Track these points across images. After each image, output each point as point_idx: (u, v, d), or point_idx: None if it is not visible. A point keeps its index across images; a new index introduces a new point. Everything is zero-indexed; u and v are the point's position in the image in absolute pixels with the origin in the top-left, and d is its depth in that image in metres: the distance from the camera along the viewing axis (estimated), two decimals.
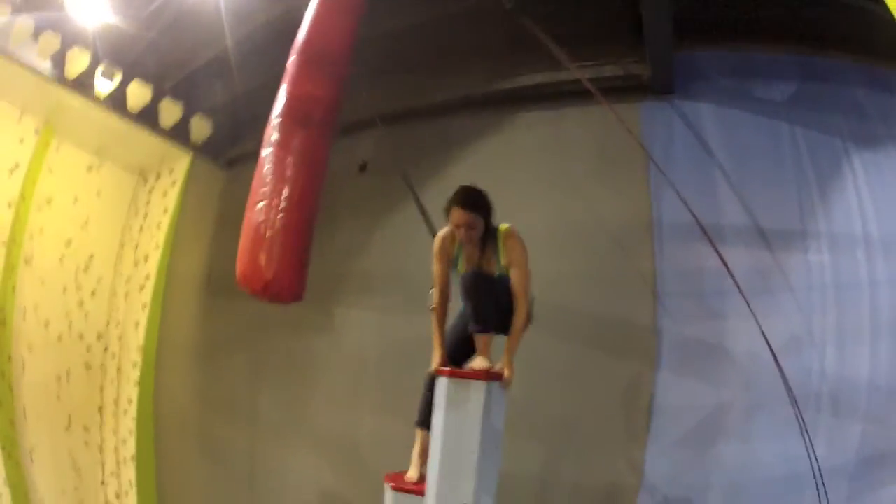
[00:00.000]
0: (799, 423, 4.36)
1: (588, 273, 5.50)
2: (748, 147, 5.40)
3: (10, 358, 7.18)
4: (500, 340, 3.84)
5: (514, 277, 3.77)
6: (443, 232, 3.96)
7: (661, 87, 5.72)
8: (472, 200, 3.78)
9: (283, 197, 3.65)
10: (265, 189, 3.68)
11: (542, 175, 5.63)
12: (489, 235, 3.84)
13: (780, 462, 4.65)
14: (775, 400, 4.49)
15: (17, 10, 6.68)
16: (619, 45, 5.72)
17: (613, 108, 5.19)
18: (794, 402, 4.36)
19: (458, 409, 3.61)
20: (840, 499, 4.38)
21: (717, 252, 4.59)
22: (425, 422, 3.87)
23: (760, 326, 4.40)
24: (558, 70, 5.42)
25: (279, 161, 3.71)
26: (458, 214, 3.75)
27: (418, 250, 4.40)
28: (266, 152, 3.77)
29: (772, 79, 5.49)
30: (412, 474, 3.95)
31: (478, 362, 3.75)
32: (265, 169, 3.73)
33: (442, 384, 3.69)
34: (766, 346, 4.37)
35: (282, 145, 3.75)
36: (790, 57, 5.44)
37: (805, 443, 4.32)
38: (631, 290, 5.39)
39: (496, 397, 3.68)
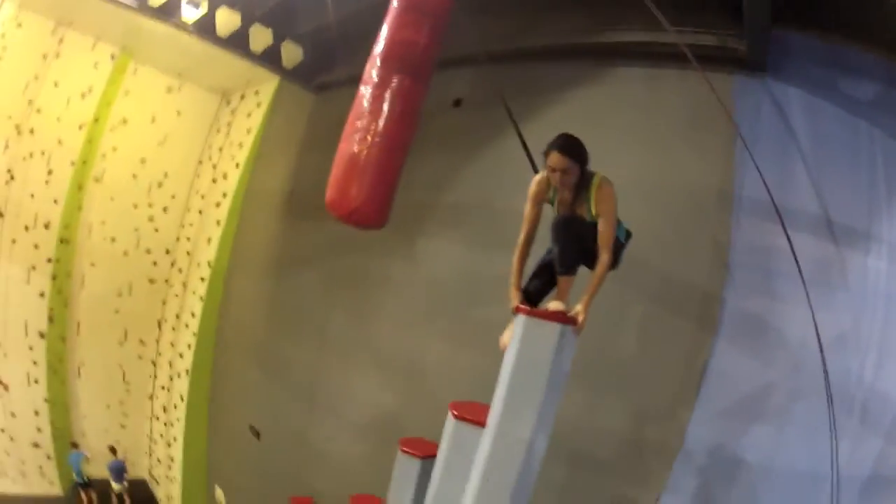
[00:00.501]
0: (830, 424, 4.43)
1: (665, 232, 5.46)
2: (829, 138, 5.32)
3: (69, 274, 7.49)
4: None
5: (602, 227, 3.81)
6: (539, 176, 4.02)
7: (756, 63, 5.65)
8: (570, 146, 3.81)
9: (377, 131, 3.77)
10: (361, 122, 3.79)
11: (632, 130, 5.61)
12: (583, 183, 3.89)
13: (806, 457, 4.69)
14: (815, 392, 4.54)
15: None
16: (718, 16, 5.63)
17: (708, 76, 5.16)
18: (830, 401, 4.43)
19: (531, 348, 3.68)
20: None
21: (788, 238, 4.63)
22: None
23: (815, 318, 4.46)
24: (657, 31, 5.37)
25: (376, 98, 3.81)
26: (555, 158, 3.79)
27: (506, 187, 4.49)
28: (365, 88, 3.86)
29: (859, 76, 5.36)
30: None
31: (554, 304, 3.83)
32: (363, 103, 3.84)
33: (519, 321, 3.77)
34: (816, 338, 4.43)
35: (380, 84, 3.84)
36: (878, 59, 5.30)
37: (831, 447, 4.40)
38: (703, 256, 5.40)
39: (568, 341, 3.72)
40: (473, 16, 5.74)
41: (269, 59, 8.05)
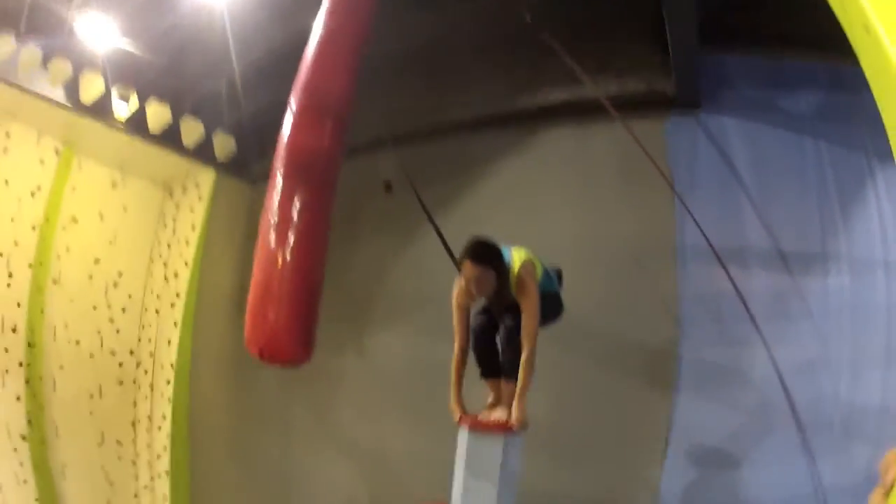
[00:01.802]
0: (806, 447, 4.43)
1: (610, 293, 5.47)
2: (772, 163, 5.30)
3: (40, 378, 7.29)
4: None
5: (525, 320, 3.76)
6: (460, 282, 3.95)
7: (687, 100, 5.59)
8: (481, 254, 3.78)
9: (286, 265, 3.57)
10: (269, 256, 3.60)
11: (566, 193, 5.59)
12: (502, 282, 3.83)
13: (788, 484, 4.65)
14: (787, 424, 4.51)
15: (21, 37, 6.62)
16: (643, 56, 5.60)
17: (634, 126, 5.11)
18: (800, 426, 4.42)
19: (478, 460, 3.73)
20: None
21: (732, 282, 4.59)
22: (485, 372, 4.00)
23: (771, 353, 4.45)
24: (582, 85, 5.34)
25: (281, 225, 3.62)
26: (468, 269, 3.77)
27: (446, 270, 4.40)
28: (269, 214, 3.68)
29: (799, 89, 5.35)
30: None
31: (498, 413, 3.83)
32: (267, 234, 3.65)
33: (463, 436, 3.80)
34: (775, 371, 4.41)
35: (283, 206, 3.65)
36: (819, 65, 5.26)
37: (810, 467, 4.41)
38: (652, 313, 5.36)
39: (513, 445, 3.77)
40: (390, 93, 5.70)
41: (203, 152, 8.03)
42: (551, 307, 4.00)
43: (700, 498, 5.02)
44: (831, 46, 4.97)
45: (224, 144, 8.20)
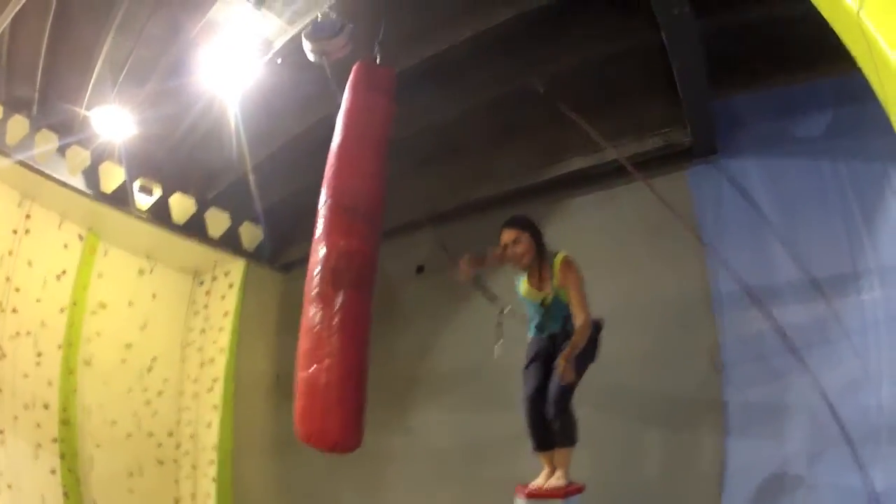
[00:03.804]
0: (857, 461, 4.43)
1: (652, 350, 5.46)
2: (794, 193, 5.32)
3: (76, 454, 7.33)
4: None
5: (572, 299, 3.95)
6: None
7: (705, 147, 5.63)
8: (516, 219, 4.11)
9: (332, 356, 3.67)
10: (316, 353, 3.69)
11: (598, 258, 5.57)
12: (545, 259, 4.04)
13: (844, 501, 4.60)
14: (836, 443, 4.54)
15: (35, 121, 6.80)
16: (657, 111, 5.65)
17: (657, 182, 5.21)
18: (850, 442, 4.45)
19: None
20: None
21: (771, 318, 4.74)
22: (538, 445, 3.98)
23: (816, 377, 4.55)
24: (603, 150, 5.40)
25: (324, 320, 3.71)
26: (503, 234, 4.05)
27: (484, 346, 4.42)
28: (311, 312, 3.77)
29: (807, 111, 5.37)
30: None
31: (554, 479, 3.87)
32: (310, 326, 3.74)
33: None
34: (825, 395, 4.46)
35: (325, 305, 3.74)
36: (824, 81, 5.26)
37: (864, 480, 4.40)
38: (695, 364, 5.35)
39: None
40: (416, 176, 5.78)
41: (230, 242, 8.19)
42: (589, 348, 4.03)
43: None
44: (830, 58, 5.09)
45: (251, 234, 8.38)
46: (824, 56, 4.79)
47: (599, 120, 5.11)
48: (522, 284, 4.16)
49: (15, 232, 7.24)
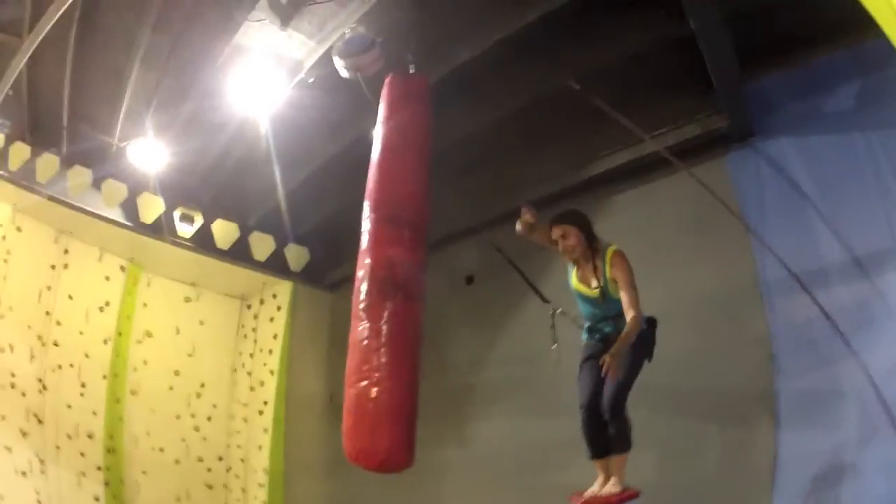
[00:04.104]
0: None
1: (702, 343, 5.36)
2: (830, 171, 5.24)
3: (122, 481, 7.40)
4: None
5: (623, 294, 3.92)
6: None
7: (741, 131, 5.57)
8: (564, 214, 4.14)
9: (382, 375, 3.60)
10: (364, 368, 3.64)
11: (643, 254, 5.52)
12: (596, 251, 4.06)
13: (892, 486, 4.48)
14: (884, 426, 4.42)
15: (65, 159, 6.90)
16: (691, 100, 5.60)
17: (698, 170, 5.12)
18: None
19: None
20: None
21: (819, 306, 4.59)
22: (594, 453, 3.96)
23: (863, 363, 4.44)
24: (640, 143, 5.35)
25: (373, 332, 3.66)
26: (554, 230, 4.08)
27: (536, 354, 4.47)
28: (359, 325, 3.72)
29: (833, 83, 5.30)
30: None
31: (610, 486, 3.84)
32: (359, 339, 3.69)
33: None
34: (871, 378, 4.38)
35: (373, 317, 3.70)
36: (845, 53, 5.21)
37: None
38: (745, 354, 5.27)
39: None
40: (458, 188, 5.77)
41: (275, 264, 8.29)
42: (644, 345, 4.01)
43: None
44: (848, 28, 4.95)
45: (297, 255, 8.47)
46: (843, 27, 4.91)
47: (634, 114, 5.06)
48: (573, 277, 4.14)
49: (53, 267, 7.37)
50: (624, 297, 3.89)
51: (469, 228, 6.10)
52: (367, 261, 3.85)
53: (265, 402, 8.31)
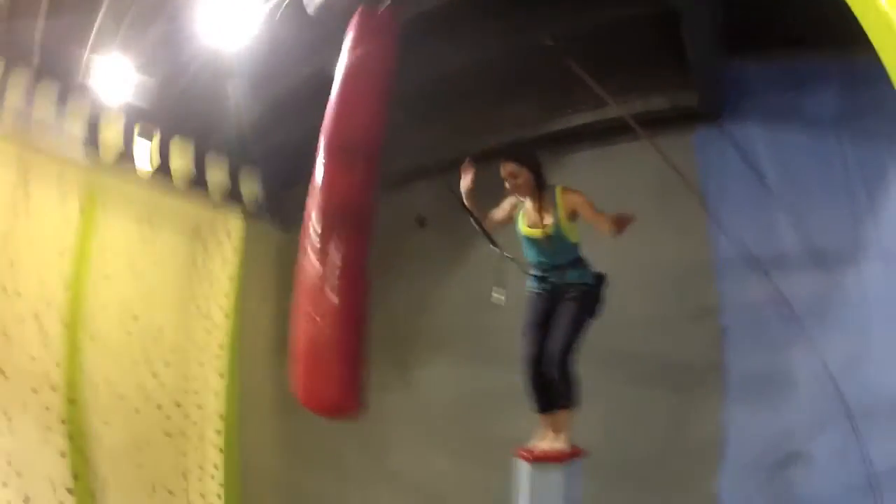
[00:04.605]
0: (857, 437, 4.48)
1: (652, 313, 5.48)
2: (798, 165, 5.33)
3: (83, 433, 7.27)
4: None
5: (584, 210, 3.94)
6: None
7: (711, 112, 5.62)
8: (515, 152, 4.11)
9: (331, 316, 3.52)
10: (312, 307, 3.56)
11: None
12: (545, 192, 4.02)
13: (843, 476, 4.66)
14: (837, 417, 4.58)
15: (31, 92, 6.72)
16: (664, 72, 5.59)
17: (661, 143, 5.15)
18: (850, 416, 4.49)
19: (540, 492, 3.71)
20: None
21: (772, 283, 4.74)
22: (540, 406, 3.99)
23: (816, 347, 4.57)
24: (607, 107, 5.37)
25: (320, 275, 3.58)
26: (503, 167, 4.04)
27: (485, 301, 4.40)
28: (306, 260, 3.64)
29: (817, 87, 5.35)
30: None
31: (556, 443, 3.87)
32: (309, 282, 3.61)
33: (521, 469, 3.78)
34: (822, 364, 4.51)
35: (321, 256, 3.61)
36: (836, 62, 5.24)
37: (863, 456, 4.46)
38: (696, 329, 5.36)
39: (574, 473, 3.79)
40: (415, 126, 5.73)
41: (230, 198, 8.22)
42: (591, 301, 4.05)
43: (760, 501, 5.04)
44: (844, 42, 5.05)
45: (250, 188, 8.34)
46: (837, 38, 4.63)
47: (606, 78, 5.05)
48: (521, 222, 4.12)
49: (16, 214, 7.09)
50: (592, 215, 3.90)
51: (425, 169, 6.05)
52: (318, 195, 3.76)
53: (220, 346, 8.28)
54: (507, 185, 4.05)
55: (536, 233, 4.02)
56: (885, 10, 1.56)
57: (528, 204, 4.09)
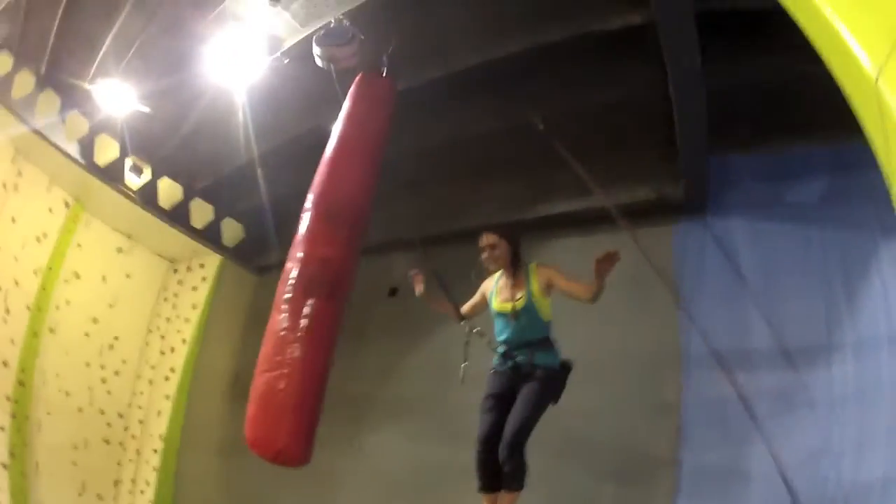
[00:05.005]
0: None
1: (614, 402, 5.46)
2: (778, 258, 5.36)
3: (27, 416, 7.22)
4: None
5: (558, 280, 4.00)
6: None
7: (695, 204, 5.66)
8: (497, 225, 4.23)
9: (293, 368, 3.59)
10: (277, 358, 3.61)
11: (572, 304, 5.67)
12: (519, 266, 4.09)
13: None
14: None
15: (42, 81, 6.76)
16: (653, 163, 5.68)
17: (644, 234, 5.17)
18: None
19: None
20: None
21: (733, 383, 4.62)
22: (484, 486, 3.93)
23: (772, 449, 4.49)
24: (591, 195, 5.40)
25: (290, 330, 3.64)
26: (484, 238, 4.13)
27: (448, 377, 4.41)
28: (279, 315, 3.70)
29: (803, 176, 5.42)
30: None
31: None
32: (277, 336, 3.67)
33: None
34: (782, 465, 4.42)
35: (294, 310, 3.68)
36: (823, 149, 5.33)
37: None
38: (655, 421, 5.35)
39: None
40: (400, 200, 5.74)
41: (210, 235, 8.17)
42: (554, 387, 4.03)
43: None
44: (830, 126, 5.12)
45: (233, 231, 8.36)
46: (825, 124, 4.83)
47: (593, 165, 5.08)
48: (494, 299, 4.13)
49: (4, 186, 7.16)
50: (568, 286, 3.96)
51: (402, 242, 6.07)
52: (300, 254, 3.82)
53: (172, 370, 8.25)
54: (483, 255, 4.11)
55: (508, 307, 4.02)
56: (885, 99, 1.58)
57: (502, 281, 4.12)
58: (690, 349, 5.34)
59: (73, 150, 7.12)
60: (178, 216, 7.85)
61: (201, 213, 8.08)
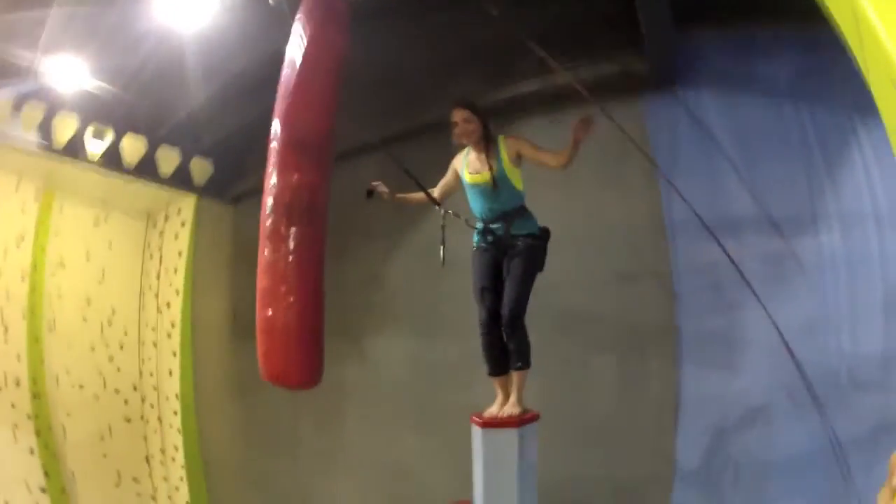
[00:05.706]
0: (815, 401, 4.48)
1: (604, 276, 5.51)
2: (754, 132, 5.32)
3: (49, 427, 7.28)
4: None
5: (527, 150, 4.08)
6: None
7: (663, 78, 5.59)
8: (467, 100, 4.22)
9: (288, 295, 3.65)
10: (269, 285, 3.68)
11: (549, 182, 5.61)
12: (489, 141, 4.12)
13: (802, 439, 4.72)
14: (794, 381, 4.56)
15: None
16: (617, 38, 5.52)
17: (612, 109, 5.09)
18: (807, 381, 4.47)
19: (495, 457, 3.74)
20: (861, 466, 4.37)
21: (722, 247, 4.59)
22: (493, 370, 4.04)
23: (770, 314, 4.48)
24: (555, 74, 5.33)
25: (278, 257, 3.69)
26: (455, 112, 4.14)
27: (435, 270, 4.37)
28: (266, 249, 3.74)
29: (774, 56, 5.32)
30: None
31: (509, 406, 3.89)
32: (265, 263, 3.72)
33: (476, 434, 3.79)
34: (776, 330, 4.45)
35: (278, 240, 3.71)
36: (792, 33, 5.21)
37: (823, 420, 4.47)
38: (647, 290, 5.41)
39: (529, 436, 3.79)
40: (365, 98, 5.65)
41: (181, 179, 8.05)
42: (537, 255, 4.09)
43: (717, 462, 5.10)
44: (803, 16, 5.07)
45: (201, 168, 8.22)
46: (793, 10, 4.63)
47: (554, 46, 5.01)
48: (465, 172, 4.16)
49: None
50: (535, 152, 4.04)
51: (371, 144, 5.99)
52: (272, 184, 3.79)
53: (172, 324, 8.23)
54: (455, 130, 4.13)
55: (480, 178, 4.07)
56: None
57: (472, 155, 4.16)
58: (674, 218, 5.37)
59: (34, 139, 7.00)
60: (145, 169, 7.75)
61: (168, 159, 7.97)
